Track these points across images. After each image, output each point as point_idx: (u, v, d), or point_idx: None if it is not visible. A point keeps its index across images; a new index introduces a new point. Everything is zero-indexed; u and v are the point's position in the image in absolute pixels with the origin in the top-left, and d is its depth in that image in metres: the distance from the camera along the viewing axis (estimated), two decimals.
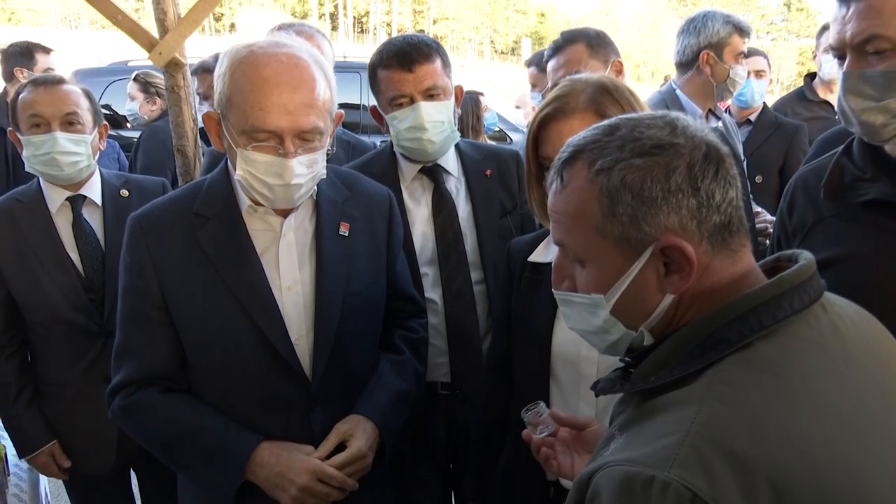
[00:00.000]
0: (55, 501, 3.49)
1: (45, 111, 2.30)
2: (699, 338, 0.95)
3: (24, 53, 4.41)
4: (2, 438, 2.61)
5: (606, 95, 1.60)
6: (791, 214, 1.63)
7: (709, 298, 0.98)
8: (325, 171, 1.69)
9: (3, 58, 4.47)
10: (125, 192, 2.49)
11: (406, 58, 2.09)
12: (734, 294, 0.96)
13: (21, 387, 2.38)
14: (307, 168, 1.59)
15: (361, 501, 1.74)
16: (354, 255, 1.79)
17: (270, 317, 1.67)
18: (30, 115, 2.30)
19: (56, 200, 2.37)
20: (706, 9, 3.05)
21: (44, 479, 2.81)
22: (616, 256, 0.99)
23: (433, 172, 2.24)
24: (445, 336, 2.21)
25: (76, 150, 2.33)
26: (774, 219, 1.80)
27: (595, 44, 2.78)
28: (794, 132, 3.83)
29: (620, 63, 2.81)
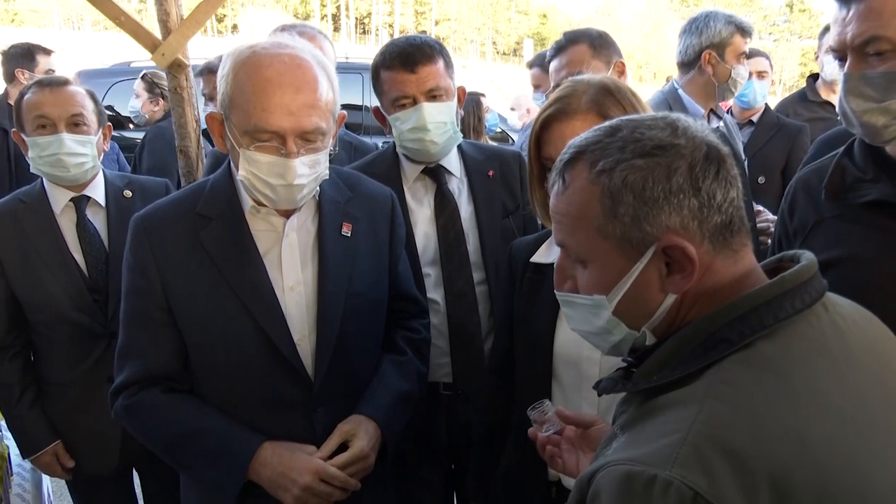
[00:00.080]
0: (58, 501, 3.50)
1: (52, 112, 2.30)
2: (701, 337, 0.95)
3: (26, 55, 4.41)
4: (5, 438, 2.61)
5: (608, 96, 1.60)
6: (792, 215, 1.63)
7: (710, 298, 0.98)
8: (328, 172, 1.69)
9: (5, 59, 4.48)
10: (128, 193, 2.49)
11: (409, 59, 2.09)
12: (736, 294, 0.97)
13: (24, 387, 2.38)
14: (310, 168, 1.60)
15: (363, 501, 1.74)
16: (357, 256, 1.79)
17: (273, 317, 1.67)
18: (36, 117, 2.30)
19: (60, 201, 2.37)
20: (708, 9, 3.05)
21: (46, 479, 2.82)
22: (618, 257, 0.99)
23: (436, 173, 2.24)
24: (447, 336, 2.21)
25: (82, 151, 2.33)
26: (776, 218, 1.80)
27: (598, 44, 2.77)
28: (797, 133, 3.82)
29: (623, 64, 2.80)
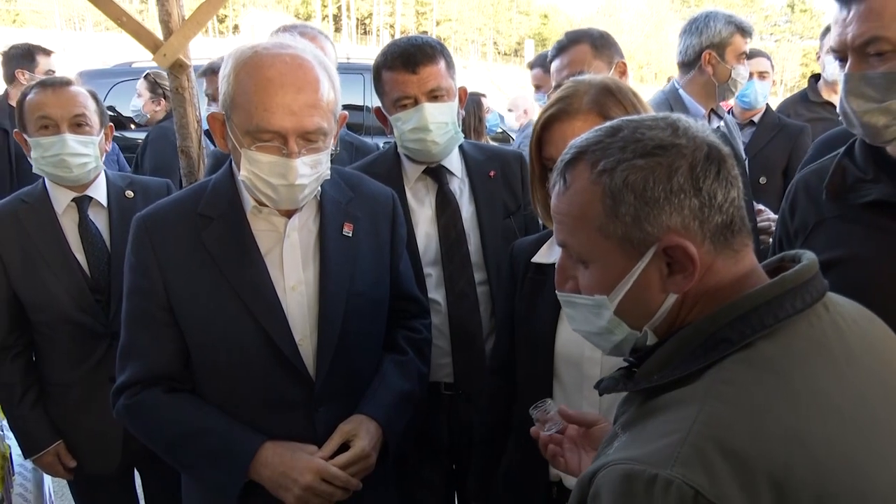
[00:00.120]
0: (59, 501, 3.50)
1: (54, 113, 2.30)
2: (701, 337, 0.96)
3: (25, 55, 4.41)
4: (7, 438, 2.62)
5: (610, 97, 1.60)
6: (793, 215, 1.63)
7: (711, 298, 0.98)
8: (329, 172, 1.69)
9: (5, 60, 4.47)
10: (130, 193, 2.49)
11: (410, 59, 2.09)
12: (736, 293, 0.97)
13: (26, 387, 2.38)
14: (311, 168, 1.60)
15: (365, 501, 1.74)
16: (358, 256, 1.79)
17: (274, 317, 1.67)
18: (38, 117, 2.30)
19: (62, 201, 2.37)
20: (708, 9, 3.05)
21: (48, 479, 2.82)
22: (619, 257, 0.99)
23: (437, 173, 2.25)
24: (449, 336, 2.22)
25: (85, 152, 2.34)
26: (777, 217, 1.80)
27: (599, 44, 2.77)
28: (798, 133, 3.83)
29: (624, 64, 2.80)
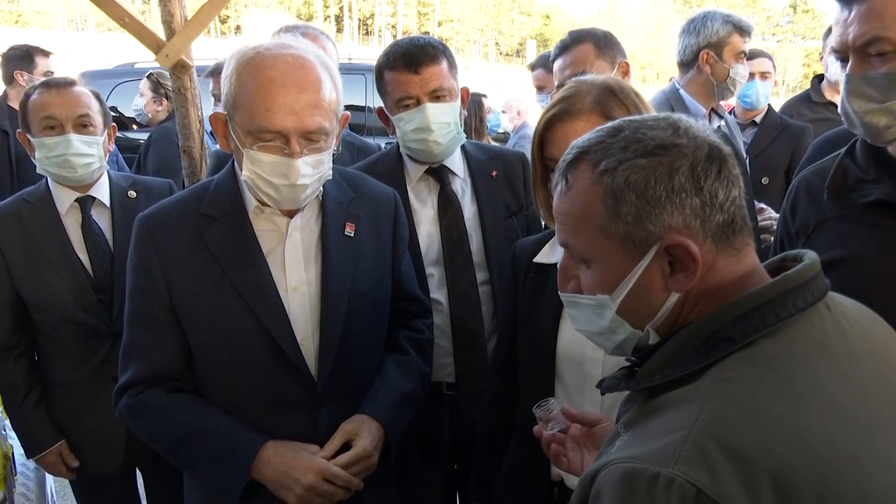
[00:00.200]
0: (61, 501, 3.50)
1: (59, 113, 2.30)
2: (703, 336, 0.96)
3: (24, 57, 4.41)
4: (9, 438, 2.62)
5: (612, 97, 1.60)
6: (794, 215, 1.63)
7: (713, 297, 0.98)
8: (331, 172, 1.69)
9: (4, 61, 4.47)
10: (133, 194, 2.50)
11: (412, 59, 2.09)
12: (738, 292, 0.97)
13: (29, 387, 2.38)
14: (313, 168, 1.60)
15: (366, 501, 1.74)
16: (360, 256, 1.79)
17: (276, 317, 1.67)
18: (43, 118, 2.30)
19: (65, 202, 2.38)
20: (707, 9, 3.06)
21: (50, 479, 2.82)
22: (621, 256, 0.99)
23: (439, 173, 2.25)
24: (450, 336, 2.22)
25: (89, 152, 2.34)
26: (778, 216, 1.80)
27: (602, 44, 2.77)
28: (800, 134, 3.83)
29: (627, 64, 2.80)
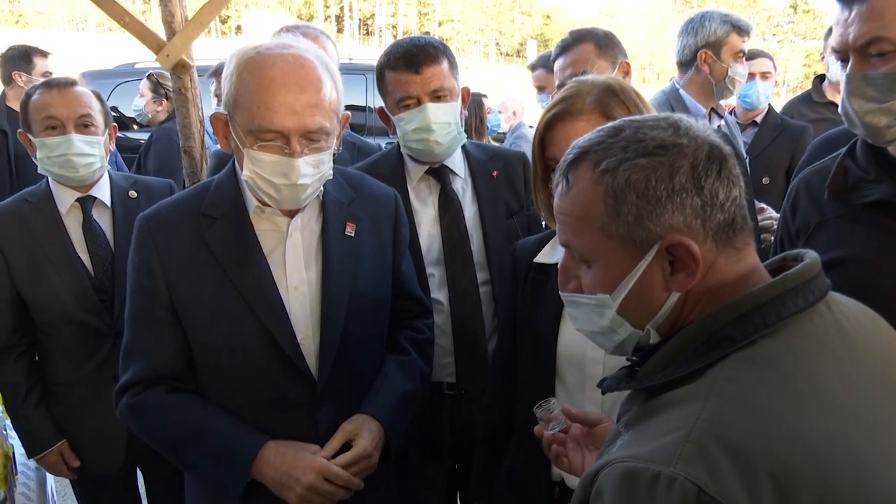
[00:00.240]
0: (62, 500, 3.50)
1: (60, 113, 2.30)
2: (704, 335, 0.96)
3: (23, 57, 4.39)
4: (10, 438, 2.62)
5: (613, 97, 1.60)
6: (794, 216, 1.63)
7: (714, 296, 0.99)
8: (332, 172, 1.69)
9: (2, 62, 4.45)
10: (133, 194, 2.50)
11: (413, 59, 2.09)
12: (739, 292, 0.97)
13: (30, 387, 2.38)
14: (313, 168, 1.60)
15: (367, 500, 1.74)
16: (360, 256, 1.79)
17: (277, 317, 1.67)
18: (45, 118, 2.30)
19: (66, 202, 2.38)
20: (705, 9, 3.06)
21: (50, 478, 2.82)
22: (622, 256, 1.00)
23: (440, 173, 2.25)
24: (451, 336, 2.22)
25: (91, 152, 2.34)
26: (778, 216, 1.80)
27: (603, 44, 2.77)
28: (800, 134, 3.83)
29: (628, 64, 2.79)
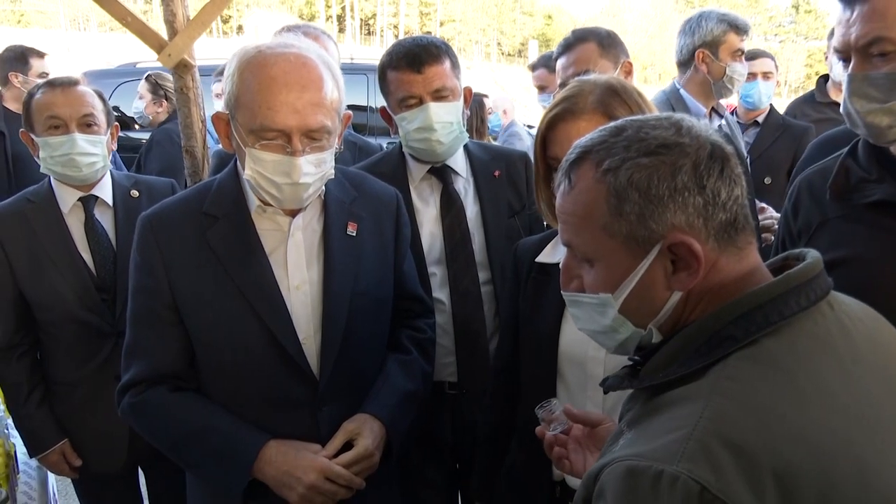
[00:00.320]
0: (63, 499, 3.51)
1: (63, 113, 2.31)
2: (706, 335, 0.96)
3: (19, 58, 4.36)
4: (12, 437, 2.63)
5: (615, 97, 1.60)
6: (796, 216, 1.63)
7: (716, 295, 0.99)
8: (333, 172, 1.69)
9: None
10: (135, 193, 2.50)
11: (415, 59, 2.10)
12: (741, 291, 0.97)
13: (32, 386, 2.39)
14: (315, 167, 1.60)
15: (368, 500, 1.75)
16: (362, 255, 1.79)
17: (279, 316, 1.67)
18: (48, 117, 2.31)
19: (68, 201, 2.38)
20: (703, 8, 3.06)
21: (52, 477, 2.83)
22: (624, 255, 1.00)
23: (442, 173, 2.25)
24: (453, 336, 2.22)
25: (93, 151, 2.35)
26: (779, 215, 1.80)
27: (606, 43, 2.77)
28: (802, 133, 3.83)
29: (630, 64, 2.79)
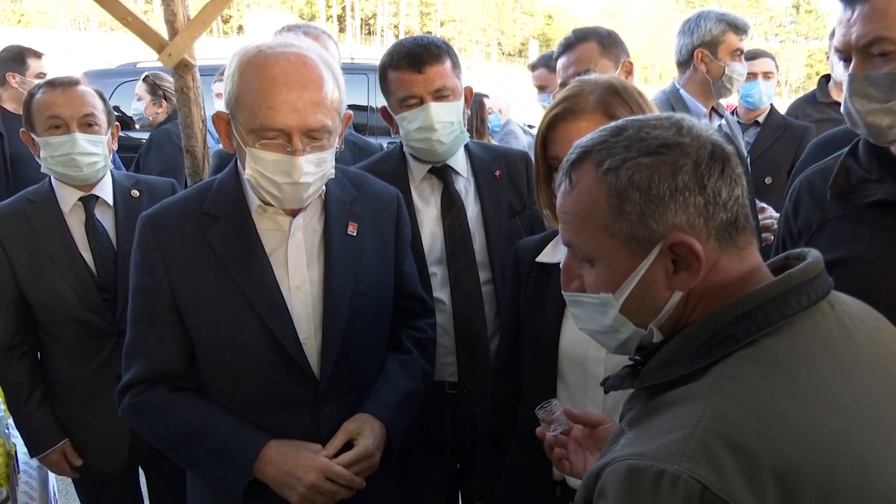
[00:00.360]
0: (63, 499, 3.51)
1: (64, 112, 2.31)
2: (707, 334, 0.96)
3: (16, 58, 4.33)
4: (13, 437, 2.63)
5: (615, 96, 1.60)
6: (797, 216, 1.63)
7: (717, 295, 0.99)
8: (334, 171, 1.69)
9: None
10: (136, 193, 2.50)
11: (416, 59, 2.09)
12: (741, 291, 0.97)
13: (33, 386, 2.39)
14: (315, 167, 1.60)
15: (369, 500, 1.75)
16: (362, 255, 1.79)
17: (279, 316, 1.67)
18: (49, 117, 2.31)
19: (68, 201, 2.38)
20: (702, 8, 3.06)
21: (52, 477, 2.82)
22: (625, 255, 1.00)
23: (442, 173, 2.25)
24: (453, 335, 2.22)
25: (94, 151, 2.35)
26: (779, 215, 1.80)
27: (607, 43, 2.77)
28: (803, 133, 3.83)
29: (631, 63, 2.79)
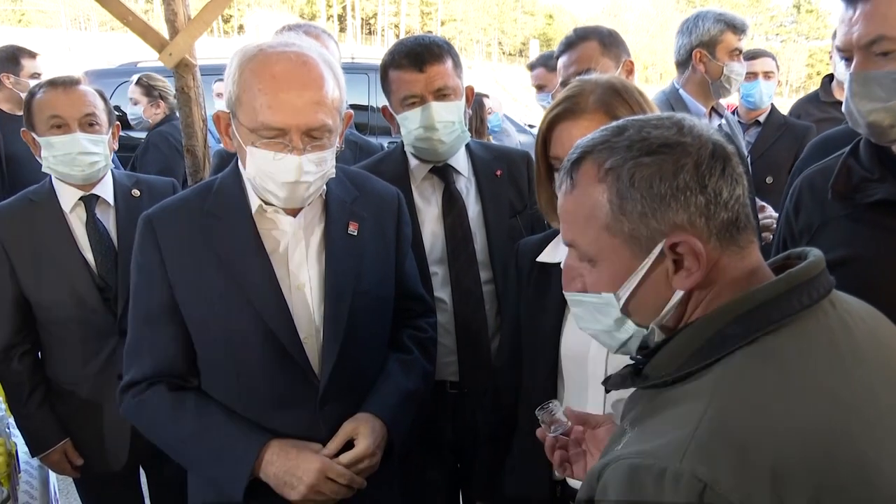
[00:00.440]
0: (64, 498, 3.51)
1: (65, 112, 2.31)
2: (708, 333, 0.96)
3: (10, 58, 4.29)
4: (13, 436, 2.63)
5: (616, 96, 1.60)
6: (797, 215, 1.62)
7: (718, 294, 0.99)
8: (335, 171, 1.69)
9: None
10: (136, 192, 2.50)
11: (417, 58, 2.09)
12: (743, 290, 0.97)
13: (34, 386, 2.39)
14: (316, 166, 1.60)
15: (369, 499, 1.74)
16: (363, 255, 1.79)
17: (280, 316, 1.67)
18: (49, 117, 2.31)
19: (69, 200, 2.38)
20: (701, 8, 3.06)
21: (53, 477, 2.83)
22: (626, 254, 1.00)
23: (443, 172, 2.25)
24: (454, 335, 2.22)
25: (96, 151, 2.35)
26: (778, 214, 1.79)
27: (608, 42, 2.76)
28: (804, 133, 3.83)
29: (631, 63, 2.79)
